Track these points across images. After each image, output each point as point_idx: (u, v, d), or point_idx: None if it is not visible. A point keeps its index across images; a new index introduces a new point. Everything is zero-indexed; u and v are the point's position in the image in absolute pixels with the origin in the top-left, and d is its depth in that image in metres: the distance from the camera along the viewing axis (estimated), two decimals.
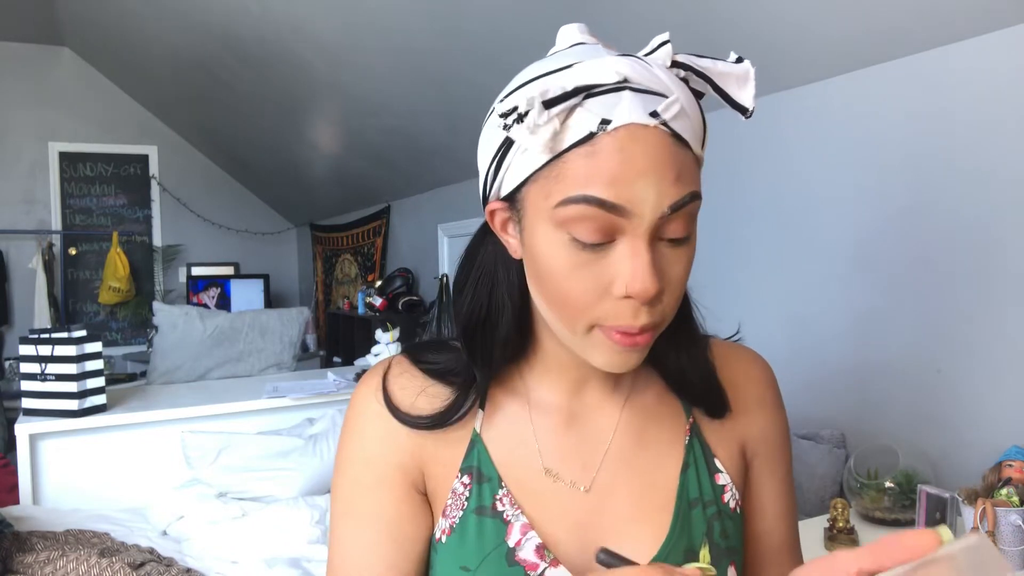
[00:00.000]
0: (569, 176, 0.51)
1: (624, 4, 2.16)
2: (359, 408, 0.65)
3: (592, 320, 0.54)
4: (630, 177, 0.50)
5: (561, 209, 0.51)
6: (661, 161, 0.50)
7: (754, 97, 0.56)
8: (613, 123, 0.50)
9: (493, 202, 0.58)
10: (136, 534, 2.39)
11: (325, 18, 3.19)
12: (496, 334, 0.62)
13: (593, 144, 0.50)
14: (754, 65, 0.58)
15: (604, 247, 0.52)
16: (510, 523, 0.61)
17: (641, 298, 0.51)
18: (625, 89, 0.51)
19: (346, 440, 0.66)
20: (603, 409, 0.65)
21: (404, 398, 0.64)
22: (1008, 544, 1.45)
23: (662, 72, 0.52)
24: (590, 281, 0.53)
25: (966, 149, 1.80)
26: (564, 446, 0.64)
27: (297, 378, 3.53)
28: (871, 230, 2.04)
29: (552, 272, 0.54)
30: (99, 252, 6.19)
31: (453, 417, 0.63)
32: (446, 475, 0.63)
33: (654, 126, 0.50)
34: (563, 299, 0.54)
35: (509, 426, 0.64)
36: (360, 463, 0.64)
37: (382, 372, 0.66)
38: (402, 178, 4.70)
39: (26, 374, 2.67)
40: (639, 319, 0.53)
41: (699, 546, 0.62)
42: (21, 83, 5.88)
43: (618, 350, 0.55)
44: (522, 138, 0.51)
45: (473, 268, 0.64)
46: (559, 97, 0.50)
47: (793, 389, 2.24)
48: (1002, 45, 1.69)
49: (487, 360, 0.63)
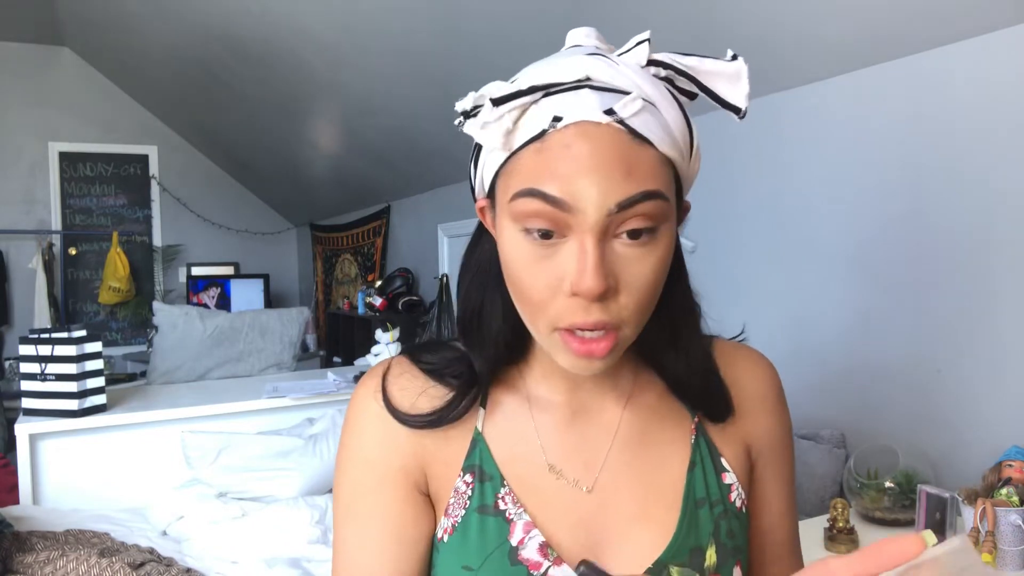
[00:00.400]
0: (520, 171, 0.52)
1: (623, 4, 2.16)
2: (359, 409, 0.65)
3: (550, 321, 0.54)
4: (574, 173, 0.50)
5: (513, 203, 0.52)
6: (609, 158, 0.50)
7: (747, 96, 0.55)
8: (564, 120, 0.50)
9: (480, 199, 0.60)
10: (136, 534, 2.39)
11: (325, 18, 3.19)
12: (490, 329, 0.63)
13: (543, 140, 0.51)
14: (753, 65, 0.57)
15: (556, 243, 0.52)
16: (512, 522, 0.60)
17: (586, 296, 0.51)
18: (584, 87, 0.51)
19: (346, 442, 0.65)
20: (604, 408, 0.65)
21: (404, 399, 0.64)
22: (1008, 544, 1.45)
23: (631, 70, 0.52)
24: (544, 277, 0.53)
25: (966, 149, 1.80)
26: (566, 444, 0.64)
27: (297, 378, 3.53)
28: (871, 230, 2.04)
29: (512, 266, 0.55)
30: (99, 252, 6.19)
31: (452, 414, 0.63)
32: (448, 474, 0.63)
33: (607, 123, 0.50)
34: (524, 295, 0.55)
35: (511, 424, 0.64)
36: (361, 465, 0.64)
37: (381, 373, 0.65)
38: (402, 178, 4.70)
39: (26, 374, 2.67)
40: (590, 315, 0.52)
41: (706, 545, 0.62)
42: (21, 83, 5.88)
43: (577, 356, 0.54)
44: (475, 133, 0.52)
45: (470, 265, 0.65)
46: (509, 95, 0.51)
47: (793, 389, 2.23)
48: (1002, 45, 1.69)
49: (485, 353, 0.63)
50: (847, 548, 1.59)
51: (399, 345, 3.64)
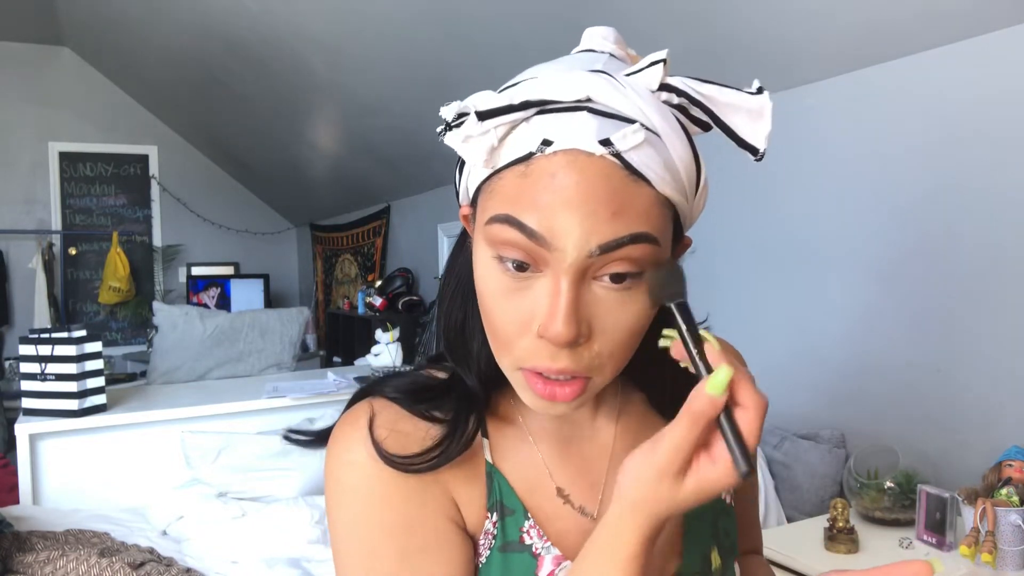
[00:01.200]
0: (500, 193, 0.48)
1: (624, 4, 2.15)
2: (360, 476, 0.55)
3: (514, 360, 0.50)
4: (556, 206, 0.45)
5: (489, 227, 0.48)
6: (597, 194, 0.45)
7: (768, 136, 0.49)
8: (554, 145, 0.46)
9: (464, 206, 0.56)
10: (136, 534, 2.39)
11: (325, 18, 3.19)
12: (474, 345, 0.58)
13: (528, 164, 0.47)
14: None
15: (531, 277, 0.48)
16: (540, 556, 0.56)
17: (554, 342, 0.47)
18: (583, 110, 0.46)
19: (358, 517, 0.55)
20: (597, 426, 0.62)
21: (411, 446, 0.55)
22: (1008, 544, 1.45)
23: (639, 95, 0.47)
24: (513, 312, 0.49)
25: (967, 149, 1.80)
26: (569, 467, 0.60)
27: (297, 378, 3.53)
28: (871, 231, 2.04)
29: (482, 293, 0.51)
30: (99, 252, 6.19)
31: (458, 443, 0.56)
32: (477, 516, 0.57)
33: (600, 155, 0.45)
34: (491, 327, 0.51)
35: (516, 452, 0.60)
36: (402, 531, 0.54)
37: (365, 427, 0.56)
38: (402, 178, 4.70)
39: (26, 374, 2.67)
40: (557, 362, 0.48)
41: (710, 548, 0.62)
42: (21, 83, 5.88)
43: (540, 399, 0.50)
44: (456, 146, 0.48)
45: (452, 276, 0.60)
46: (498, 109, 0.46)
47: (793, 389, 2.24)
48: (1002, 45, 1.69)
49: (473, 371, 0.58)
50: (847, 548, 1.58)
51: (399, 345, 3.64)
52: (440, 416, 0.57)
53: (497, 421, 0.61)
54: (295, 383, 3.27)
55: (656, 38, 2.10)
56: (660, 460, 0.44)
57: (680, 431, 0.44)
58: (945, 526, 1.57)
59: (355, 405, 0.59)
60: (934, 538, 1.59)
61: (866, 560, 1.56)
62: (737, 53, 2.13)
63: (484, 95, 0.49)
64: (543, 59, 0.58)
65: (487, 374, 0.58)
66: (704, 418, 0.43)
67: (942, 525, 1.58)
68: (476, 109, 0.47)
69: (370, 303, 4.86)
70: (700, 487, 0.44)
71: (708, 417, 0.43)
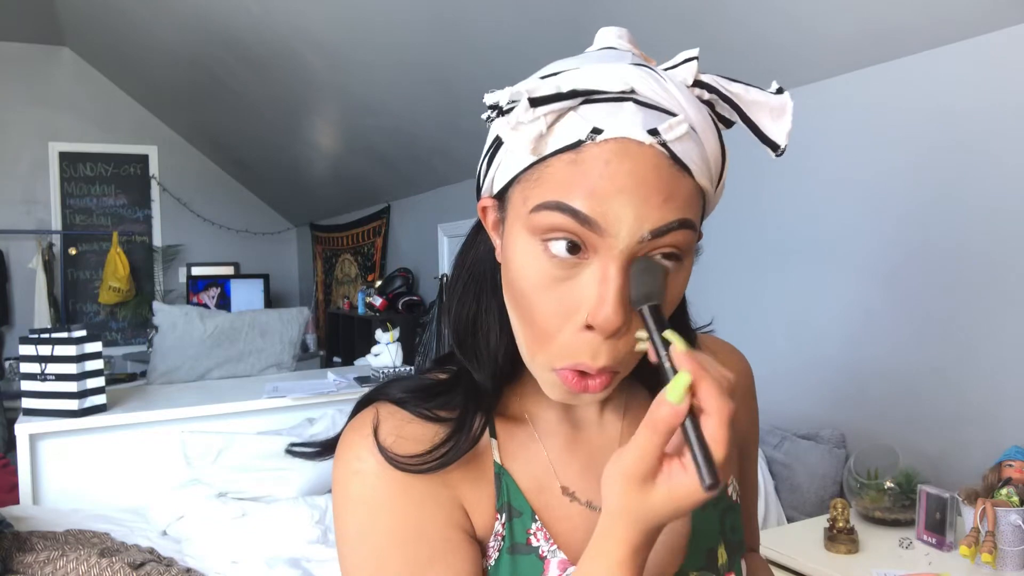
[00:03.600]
0: (549, 181, 0.48)
1: (626, 3, 2.15)
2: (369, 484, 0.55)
3: (550, 359, 0.51)
4: (610, 192, 0.46)
5: (536, 215, 0.48)
6: (648, 181, 0.46)
7: (789, 133, 0.51)
8: (604, 133, 0.47)
9: (485, 198, 0.56)
10: (136, 534, 2.39)
11: (325, 18, 3.19)
12: (487, 342, 0.58)
13: (579, 152, 0.47)
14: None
15: (576, 265, 0.48)
16: (547, 559, 0.57)
17: (603, 330, 0.47)
18: (629, 100, 0.48)
19: (369, 525, 0.55)
20: (605, 420, 0.63)
21: (418, 450, 0.56)
22: (1008, 544, 1.45)
23: (677, 89, 0.49)
24: (556, 303, 0.49)
25: (967, 149, 1.80)
26: (575, 463, 0.61)
27: (297, 378, 3.53)
28: (872, 230, 2.04)
29: (522, 284, 0.51)
30: (99, 252, 6.19)
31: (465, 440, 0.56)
32: (486, 519, 0.58)
33: (649, 144, 0.47)
34: (529, 319, 0.51)
35: (525, 451, 0.60)
36: (411, 541, 0.54)
37: (370, 433, 0.56)
38: (402, 178, 4.70)
39: (26, 374, 2.67)
40: (597, 360, 0.49)
41: (717, 544, 0.62)
42: (21, 83, 5.88)
43: (571, 392, 0.51)
44: (504, 133, 0.48)
45: (464, 269, 0.60)
46: (549, 97, 0.47)
47: (793, 389, 2.24)
48: (1002, 45, 1.69)
49: (485, 368, 0.58)
50: (847, 548, 1.58)
51: (399, 345, 3.64)
52: (446, 416, 0.57)
53: (505, 421, 0.61)
54: (295, 383, 3.27)
55: (656, 39, 2.10)
56: (627, 466, 0.44)
57: (642, 438, 0.44)
58: (945, 526, 1.57)
59: (360, 412, 0.59)
60: (934, 538, 1.60)
61: (866, 560, 1.56)
62: (737, 53, 2.13)
63: (533, 81, 0.49)
64: (543, 59, 0.58)
65: (502, 368, 0.58)
66: (664, 424, 0.43)
67: (942, 525, 1.58)
68: (530, 95, 0.47)
69: (370, 303, 4.86)
70: (672, 496, 0.44)
71: (669, 424, 0.43)
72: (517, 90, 0.48)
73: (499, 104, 0.49)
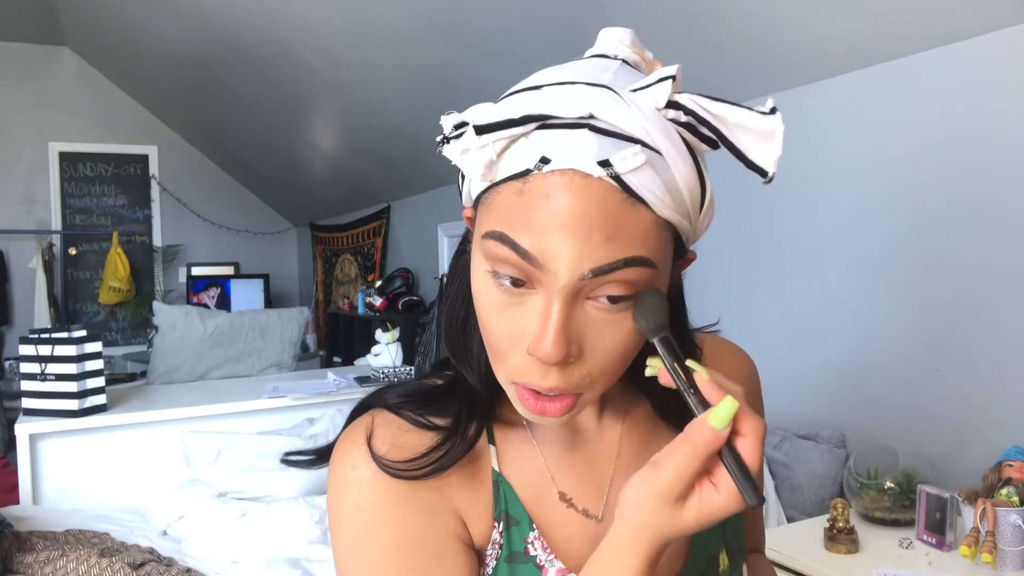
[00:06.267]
0: (497, 209, 0.47)
1: (625, 4, 2.15)
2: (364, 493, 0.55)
3: (507, 375, 0.50)
4: (549, 228, 0.44)
5: (486, 242, 0.48)
6: (592, 217, 0.44)
7: (778, 160, 0.47)
8: (552, 164, 0.45)
9: (467, 208, 0.55)
10: (136, 534, 2.39)
11: (325, 18, 3.19)
12: (479, 345, 0.57)
13: (525, 182, 0.46)
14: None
15: (525, 293, 0.48)
16: (544, 568, 0.56)
17: (543, 361, 0.46)
18: (585, 127, 0.45)
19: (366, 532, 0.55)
20: (603, 427, 0.62)
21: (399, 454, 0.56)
22: (1008, 544, 1.45)
23: (643, 113, 0.46)
24: (506, 326, 0.49)
25: (967, 149, 1.80)
26: (573, 471, 0.60)
27: (297, 378, 3.53)
28: (871, 230, 2.04)
29: (478, 305, 0.51)
30: (99, 252, 6.19)
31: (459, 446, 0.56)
32: (483, 527, 0.58)
33: (598, 177, 0.44)
34: (487, 338, 0.51)
35: (522, 458, 0.60)
36: (404, 549, 0.54)
37: (364, 440, 0.56)
38: (402, 178, 4.70)
39: (26, 374, 2.67)
40: (547, 380, 0.48)
41: (719, 549, 0.62)
42: (21, 83, 5.88)
43: (532, 412, 0.50)
44: (454, 159, 0.48)
45: (455, 275, 0.60)
46: (496, 124, 0.45)
47: (793, 389, 2.24)
48: (1003, 45, 1.69)
49: (476, 373, 0.58)
50: (847, 548, 1.58)
51: (399, 345, 3.64)
52: (441, 423, 0.57)
53: (503, 427, 0.61)
54: (295, 383, 3.27)
55: (655, 40, 2.10)
56: (661, 486, 0.45)
57: (681, 459, 0.44)
58: (945, 526, 1.57)
59: (356, 420, 0.59)
60: (934, 538, 1.60)
61: (866, 560, 1.56)
62: (737, 54, 2.13)
63: (484, 107, 0.48)
64: (543, 60, 0.57)
65: (488, 375, 0.57)
66: (705, 449, 0.44)
67: (942, 525, 1.58)
68: (475, 123, 0.46)
69: (370, 303, 4.86)
70: (702, 513, 0.45)
71: (710, 449, 0.44)
72: (465, 116, 0.47)
73: (446, 133, 0.48)
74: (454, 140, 0.48)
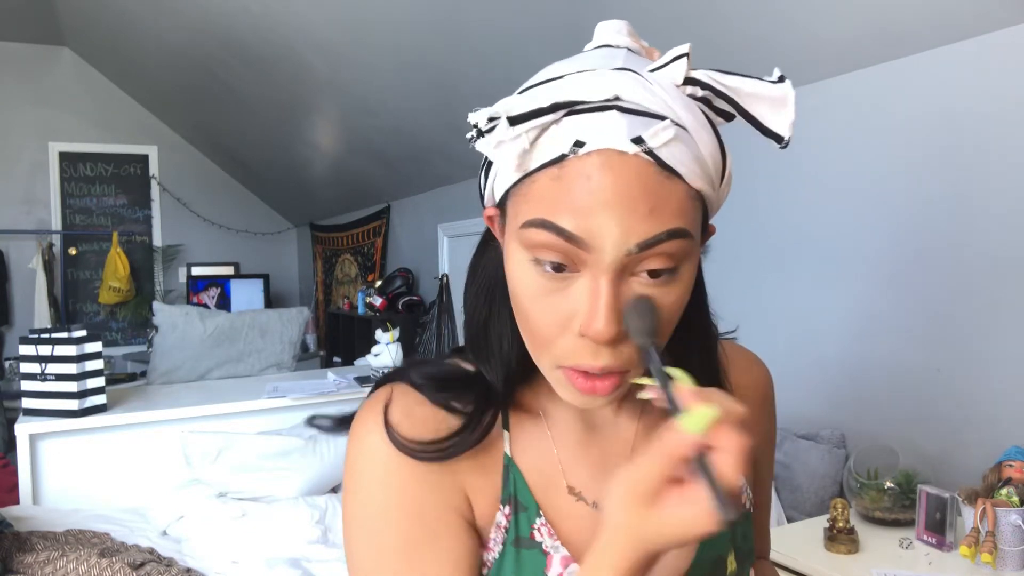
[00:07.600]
0: (535, 197, 0.48)
1: (625, 4, 2.15)
2: (372, 459, 0.57)
3: (554, 359, 0.51)
4: (593, 208, 0.46)
5: (525, 231, 0.49)
6: (633, 193, 0.46)
7: (792, 124, 0.50)
8: (586, 146, 0.46)
9: (489, 208, 0.56)
10: (136, 534, 2.39)
11: (325, 18, 3.19)
12: (499, 345, 0.59)
13: (562, 167, 0.47)
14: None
15: (568, 278, 0.49)
16: (549, 554, 0.57)
17: (596, 340, 0.47)
18: (613, 108, 0.47)
19: (371, 497, 0.57)
20: (620, 421, 0.63)
21: (425, 432, 0.57)
22: (1008, 544, 1.45)
23: (666, 91, 0.48)
24: (552, 313, 0.49)
25: (967, 149, 1.80)
26: (586, 464, 0.61)
27: (297, 378, 3.53)
28: (872, 230, 2.04)
29: (519, 295, 0.51)
30: (99, 252, 6.20)
31: (474, 434, 0.57)
32: (489, 508, 0.59)
33: (634, 153, 0.46)
34: (529, 328, 0.52)
35: (536, 447, 0.61)
36: (405, 520, 0.56)
37: (381, 410, 0.58)
38: (402, 178, 4.70)
39: (26, 374, 2.67)
40: (598, 360, 0.49)
41: (727, 552, 0.62)
42: (21, 83, 5.88)
43: (580, 393, 0.51)
44: (488, 152, 0.49)
45: (476, 274, 0.61)
46: (528, 113, 0.47)
47: (793, 389, 2.24)
48: (1003, 45, 1.69)
49: (496, 370, 0.59)
50: (847, 548, 1.58)
51: (399, 345, 3.64)
52: (459, 408, 0.58)
53: (520, 415, 0.62)
54: (295, 383, 3.27)
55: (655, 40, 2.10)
56: (628, 483, 0.44)
57: (649, 461, 0.44)
58: (945, 526, 1.57)
59: (378, 390, 0.61)
60: (934, 538, 1.60)
61: (866, 560, 1.56)
62: (736, 54, 2.13)
63: (512, 99, 0.48)
64: (543, 60, 0.57)
65: (515, 371, 0.59)
66: (673, 454, 0.43)
67: (942, 525, 1.58)
68: (508, 114, 0.47)
69: (370, 303, 4.86)
70: (673, 523, 0.43)
71: (679, 454, 0.43)
72: (496, 109, 0.48)
73: (478, 125, 0.49)
74: (487, 134, 0.49)
